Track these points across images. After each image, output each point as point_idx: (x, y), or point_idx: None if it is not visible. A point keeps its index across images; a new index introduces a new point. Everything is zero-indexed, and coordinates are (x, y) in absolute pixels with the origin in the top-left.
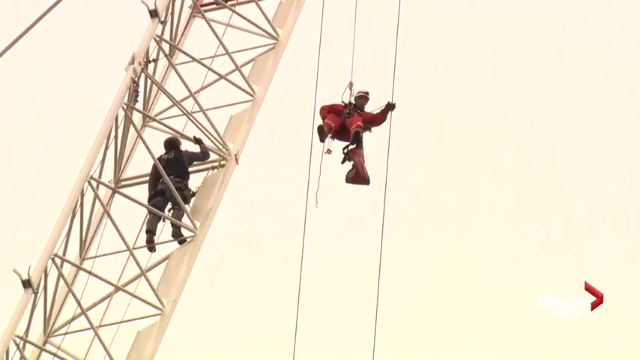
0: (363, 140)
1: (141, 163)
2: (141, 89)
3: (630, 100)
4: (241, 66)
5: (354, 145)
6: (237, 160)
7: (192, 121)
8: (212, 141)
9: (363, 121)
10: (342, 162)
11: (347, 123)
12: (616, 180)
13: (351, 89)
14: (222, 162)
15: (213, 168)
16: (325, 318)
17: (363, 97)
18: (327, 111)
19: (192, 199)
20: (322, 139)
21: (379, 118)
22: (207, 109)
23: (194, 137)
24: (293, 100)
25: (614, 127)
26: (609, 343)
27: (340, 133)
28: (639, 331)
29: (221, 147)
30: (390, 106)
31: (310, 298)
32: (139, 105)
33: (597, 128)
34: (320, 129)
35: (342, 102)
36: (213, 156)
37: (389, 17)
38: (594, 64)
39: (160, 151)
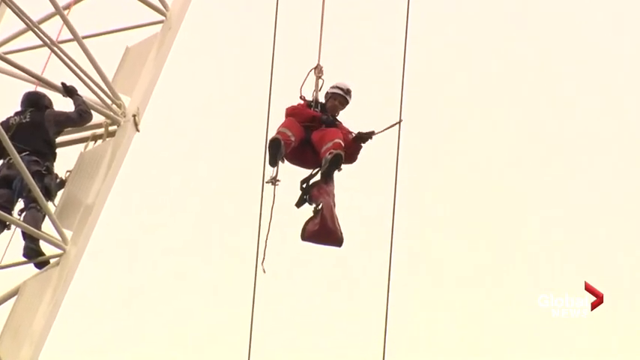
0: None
1: None
2: None
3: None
4: None
5: (323, 177)
6: (136, 124)
7: (59, 58)
8: (94, 92)
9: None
10: (299, 204)
11: (313, 138)
12: (617, 179)
13: (318, 78)
14: (112, 127)
15: (95, 138)
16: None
17: (339, 97)
18: (291, 112)
19: (61, 192)
20: (274, 161)
21: (350, 153)
22: (84, 37)
23: (62, 85)
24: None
25: (616, 126)
26: (609, 343)
27: (296, 152)
28: (639, 331)
29: (109, 102)
30: (361, 138)
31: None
32: None
33: (600, 127)
34: (275, 143)
35: (302, 98)
36: (96, 117)
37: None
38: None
39: (6, 109)
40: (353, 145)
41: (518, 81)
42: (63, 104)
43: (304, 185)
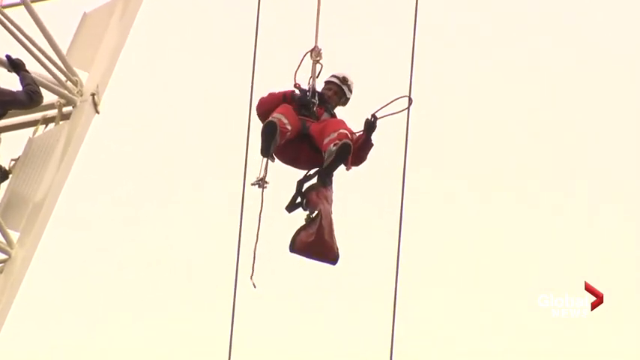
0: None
1: None
2: None
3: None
4: None
5: (324, 174)
6: (95, 104)
7: (3, 26)
8: (45, 66)
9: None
10: (291, 208)
11: (312, 131)
12: (617, 179)
13: (315, 62)
14: (67, 108)
15: (46, 121)
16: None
17: (334, 86)
18: (259, 104)
19: (5, 186)
20: (268, 150)
21: (362, 148)
22: (33, 1)
23: (7, 58)
24: None
25: (617, 128)
26: (609, 343)
27: (290, 148)
28: (639, 331)
29: (63, 78)
30: (371, 126)
31: None
32: None
33: (600, 126)
34: (270, 127)
35: (297, 86)
36: (48, 96)
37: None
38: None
39: None
40: (361, 143)
41: (522, 78)
42: (8, 81)
43: (300, 187)
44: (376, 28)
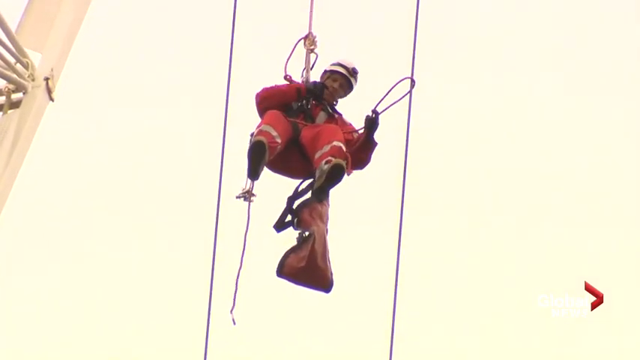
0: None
1: None
2: None
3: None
4: None
5: (316, 194)
6: (50, 90)
7: None
8: None
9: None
10: (279, 227)
11: (303, 137)
12: (616, 179)
13: (309, 50)
14: (16, 95)
15: None
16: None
17: (341, 78)
18: (263, 97)
19: None
20: (256, 172)
21: (359, 157)
22: None
23: None
24: None
25: (616, 132)
26: (609, 343)
27: (279, 154)
28: (639, 331)
29: (12, 60)
30: (372, 124)
31: None
32: None
33: (599, 125)
34: (258, 148)
35: (288, 79)
36: None
37: None
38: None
39: None
40: (361, 143)
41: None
42: None
43: (291, 204)
44: (375, 13)
